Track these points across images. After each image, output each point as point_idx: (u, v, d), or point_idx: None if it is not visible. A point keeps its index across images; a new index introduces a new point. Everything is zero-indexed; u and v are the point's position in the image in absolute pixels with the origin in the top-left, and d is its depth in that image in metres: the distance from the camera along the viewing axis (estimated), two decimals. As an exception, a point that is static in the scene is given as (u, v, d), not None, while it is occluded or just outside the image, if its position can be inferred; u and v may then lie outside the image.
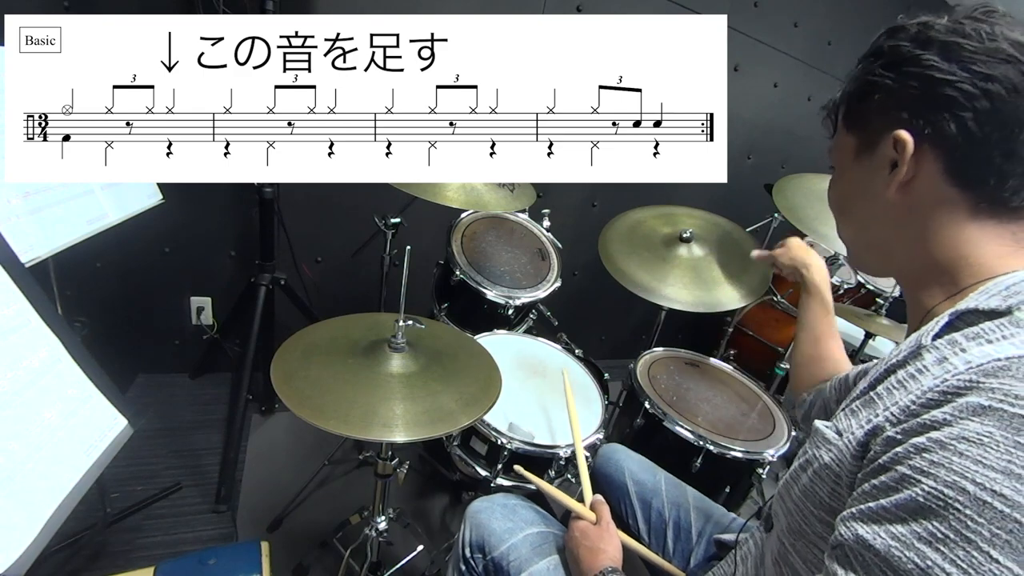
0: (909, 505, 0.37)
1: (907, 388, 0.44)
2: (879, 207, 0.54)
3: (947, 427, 0.37)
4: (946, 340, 0.44)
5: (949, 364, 0.41)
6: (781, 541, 0.54)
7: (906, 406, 0.41)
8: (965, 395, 0.38)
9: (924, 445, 0.38)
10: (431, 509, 1.59)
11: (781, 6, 2.10)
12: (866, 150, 0.54)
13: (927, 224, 0.51)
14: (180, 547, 1.31)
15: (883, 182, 0.52)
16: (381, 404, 0.79)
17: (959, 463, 0.36)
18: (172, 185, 1.26)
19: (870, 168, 0.54)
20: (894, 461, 0.39)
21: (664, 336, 1.61)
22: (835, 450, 0.47)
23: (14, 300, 0.67)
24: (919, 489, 0.37)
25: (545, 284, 1.53)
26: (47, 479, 0.65)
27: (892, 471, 0.39)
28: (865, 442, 0.44)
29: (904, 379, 0.45)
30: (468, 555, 0.86)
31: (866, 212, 0.56)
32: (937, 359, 0.43)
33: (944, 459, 0.36)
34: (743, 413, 1.36)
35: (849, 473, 0.45)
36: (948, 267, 0.50)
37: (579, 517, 0.82)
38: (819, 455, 0.49)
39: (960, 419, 0.37)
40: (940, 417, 0.38)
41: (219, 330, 1.86)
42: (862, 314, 1.77)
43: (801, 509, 0.51)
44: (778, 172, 2.44)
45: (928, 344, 0.45)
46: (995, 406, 0.36)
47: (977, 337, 0.42)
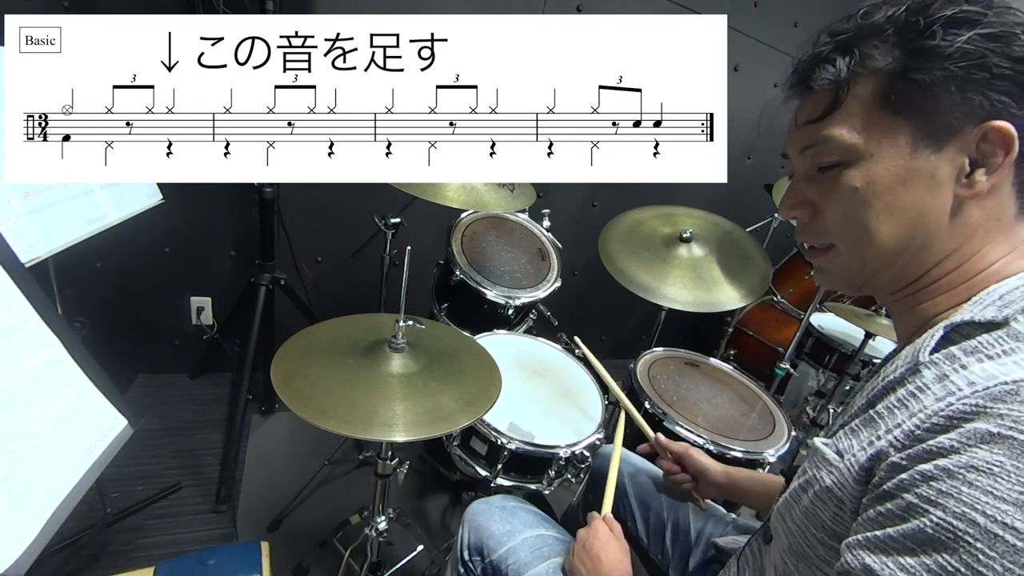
0: (918, 536, 0.36)
1: (908, 408, 0.42)
2: (929, 206, 0.46)
3: (955, 455, 0.36)
4: (943, 355, 0.42)
5: (950, 383, 0.40)
6: (784, 561, 0.53)
7: (910, 431, 0.40)
8: (972, 421, 0.37)
9: (931, 473, 0.37)
10: (431, 509, 1.59)
11: (781, 6, 2.10)
12: (929, 140, 0.45)
13: (976, 231, 0.46)
14: (180, 547, 1.31)
15: (950, 179, 0.45)
16: (381, 404, 0.79)
17: (968, 494, 0.35)
18: (172, 185, 1.27)
19: (933, 162, 0.45)
20: (900, 488, 0.38)
21: (664, 336, 1.61)
22: (836, 473, 0.46)
23: (14, 300, 0.67)
24: (928, 520, 0.36)
25: (545, 284, 1.53)
26: (47, 479, 0.65)
27: (899, 499, 0.38)
28: (869, 467, 0.43)
29: (904, 398, 0.43)
30: (467, 558, 0.86)
31: (909, 210, 0.47)
32: (936, 376, 0.41)
33: (953, 489, 0.35)
34: (743, 413, 1.36)
35: (852, 498, 0.44)
36: (974, 277, 0.47)
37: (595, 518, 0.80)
38: (820, 477, 0.47)
39: (968, 447, 0.36)
40: (947, 444, 0.37)
41: (219, 330, 1.86)
42: (862, 314, 1.77)
43: (803, 531, 0.49)
44: (778, 172, 2.44)
45: (926, 360, 0.43)
46: (1004, 433, 0.35)
47: (976, 352, 0.41)
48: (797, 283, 2.15)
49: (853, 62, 0.47)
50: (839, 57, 0.48)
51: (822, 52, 0.49)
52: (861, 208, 0.48)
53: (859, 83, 0.47)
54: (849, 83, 0.47)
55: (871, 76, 0.47)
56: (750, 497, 0.90)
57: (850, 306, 1.90)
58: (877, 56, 0.46)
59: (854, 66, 0.47)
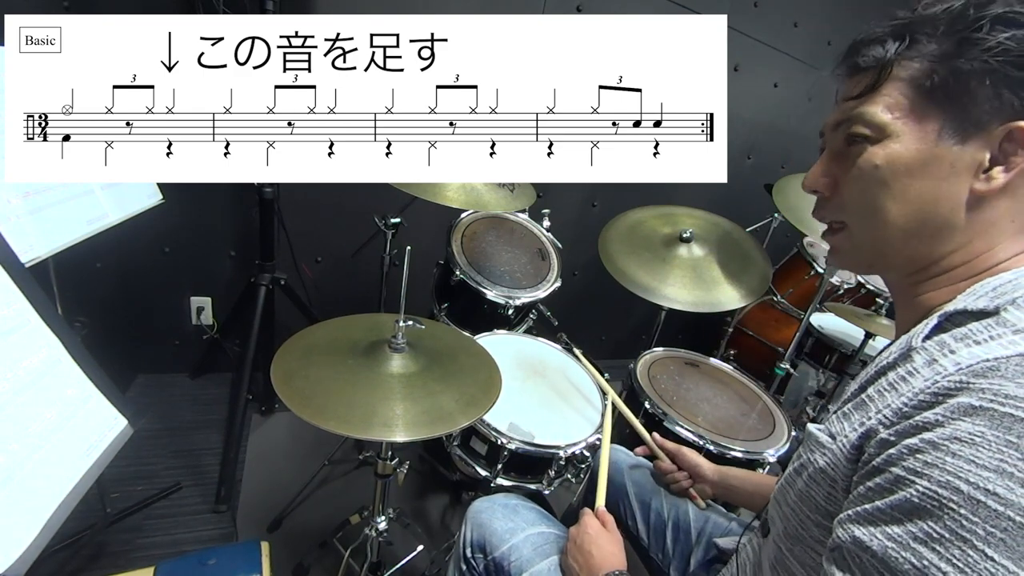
0: (904, 506, 0.37)
1: (898, 390, 0.44)
2: (944, 195, 0.47)
3: (939, 428, 0.38)
4: (935, 342, 0.44)
5: (939, 366, 0.41)
6: (778, 546, 0.54)
7: (898, 408, 0.42)
8: (956, 396, 0.38)
9: (917, 446, 0.38)
10: (431, 509, 1.59)
11: (781, 6, 2.10)
12: (956, 131, 0.46)
13: (990, 229, 0.47)
14: (180, 547, 1.31)
15: (967, 172, 0.46)
16: (381, 404, 0.79)
17: (952, 463, 0.36)
18: (172, 185, 1.26)
19: (955, 152, 0.46)
20: (888, 463, 0.40)
21: (664, 336, 1.61)
22: (829, 454, 0.47)
23: (14, 300, 0.67)
24: (913, 490, 0.37)
25: (545, 284, 1.53)
26: (47, 479, 0.65)
27: (886, 473, 0.40)
28: (859, 445, 0.44)
29: (895, 381, 0.45)
30: (469, 555, 0.86)
31: (923, 196, 0.48)
32: (926, 361, 0.43)
33: (937, 459, 0.37)
34: (743, 413, 1.36)
35: (844, 476, 0.45)
36: (980, 274, 0.48)
37: (585, 514, 0.81)
38: (814, 459, 0.49)
39: (952, 420, 0.37)
40: (932, 418, 0.38)
41: (219, 330, 1.86)
42: (862, 314, 1.77)
43: (797, 514, 0.51)
44: (778, 172, 2.45)
45: (918, 346, 0.45)
46: (985, 406, 0.36)
47: (965, 338, 0.42)
48: (797, 283, 2.15)
49: (901, 46, 0.48)
50: (890, 40, 0.49)
51: (876, 34, 0.50)
52: (878, 187, 0.49)
53: (902, 66, 0.48)
54: (892, 65, 0.48)
55: (915, 60, 0.47)
56: (741, 495, 0.91)
57: (850, 306, 1.90)
58: (925, 42, 0.47)
59: (901, 50, 0.48)
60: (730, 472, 0.93)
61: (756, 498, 0.89)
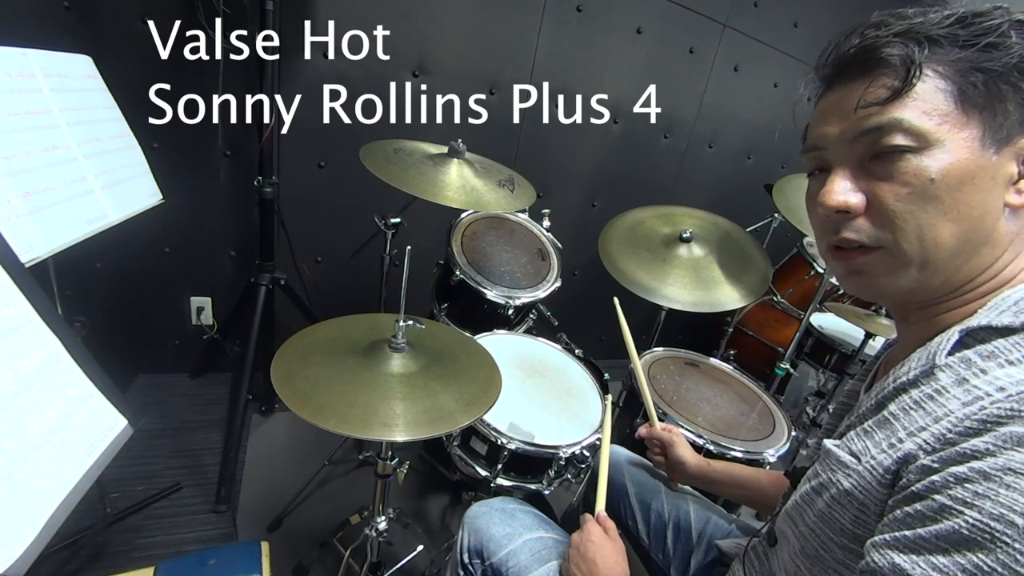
0: (952, 537, 0.36)
1: (926, 410, 0.43)
2: (989, 208, 0.44)
3: (991, 457, 0.36)
4: (959, 358, 0.43)
5: (974, 387, 0.40)
6: (796, 564, 0.53)
7: (940, 434, 0.40)
8: (1007, 424, 0.37)
9: (966, 475, 0.37)
10: (431, 509, 1.59)
11: (781, 6, 2.10)
12: (993, 139, 0.43)
13: (1014, 241, 0.46)
14: (180, 547, 1.31)
15: (1004, 183, 0.44)
16: (381, 404, 0.79)
17: (1006, 495, 0.35)
18: (172, 185, 1.27)
19: (994, 163, 0.44)
20: (931, 490, 0.39)
21: (664, 336, 1.61)
22: (855, 476, 0.46)
23: (14, 300, 0.67)
24: (962, 520, 0.36)
25: (545, 284, 1.53)
26: (47, 479, 0.65)
27: (929, 500, 0.39)
28: (895, 470, 0.43)
29: (921, 400, 0.44)
30: (467, 561, 0.86)
31: (972, 211, 0.44)
32: (955, 380, 0.42)
33: (990, 491, 0.36)
34: (743, 413, 1.36)
35: (877, 501, 0.44)
36: (1003, 282, 0.46)
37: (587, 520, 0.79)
38: (836, 480, 0.47)
39: (1005, 449, 0.36)
40: (982, 447, 0.37)
41: (219, 330, 1.86)
42: (862, 314, 1.77)
43: (818, 535, 0.49)
44: (778, 172, 2.45)
45: (942, 363, 0.44)
46: None
47: (993, 356, 0.41)
48: (797, 283, 2.15)
49: (924, 49, 0.44)
50: (905, 41, 0.45)
51: (883, 36, 0.46)
52: (931, 203, 0.44)
53: (932, 68, 0.44)
54: (922, 66, 0.44)
55: (944, 64, 0.44)
56: (721, 487, 0.92)
57: (850, 306, 1.90)
58: (946, 45, 0.44)
59: (926, 52, 0.44)
60: (714, 464, 0.94)
61: (735, 490, 0.91)
